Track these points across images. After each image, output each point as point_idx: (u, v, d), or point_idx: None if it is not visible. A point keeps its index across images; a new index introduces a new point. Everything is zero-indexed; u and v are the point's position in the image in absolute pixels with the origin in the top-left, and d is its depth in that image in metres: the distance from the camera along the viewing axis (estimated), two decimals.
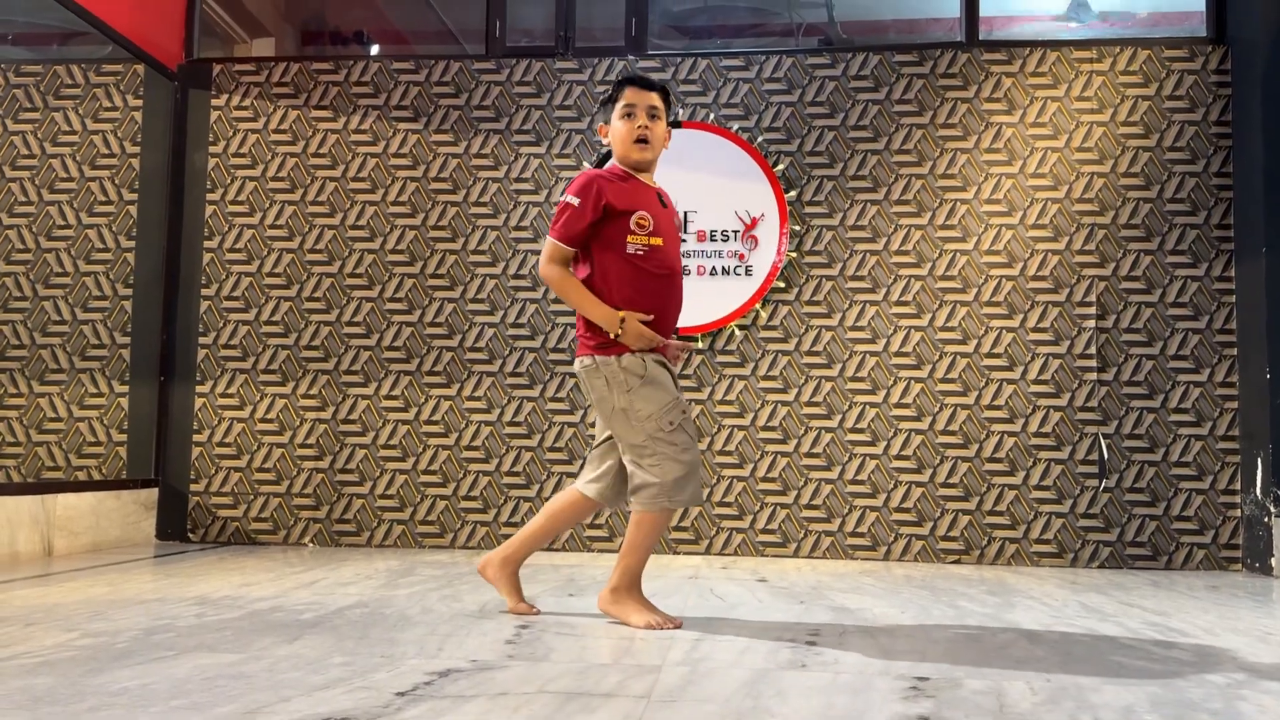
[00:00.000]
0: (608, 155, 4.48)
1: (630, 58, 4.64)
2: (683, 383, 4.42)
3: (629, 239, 2.53)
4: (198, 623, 2.45)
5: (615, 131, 2.62)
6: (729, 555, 4.33)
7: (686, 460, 2.50)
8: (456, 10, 5.80)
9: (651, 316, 2.53)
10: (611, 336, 2.50)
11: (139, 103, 4.67)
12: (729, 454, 4.39)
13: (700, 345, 4.44)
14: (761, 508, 4.35)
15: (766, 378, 4.41)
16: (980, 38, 4.53)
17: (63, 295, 4.55)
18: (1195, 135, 4.34)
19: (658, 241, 2.55)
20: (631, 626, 2.48)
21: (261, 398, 4.58)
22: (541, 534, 2.66)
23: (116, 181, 4.62)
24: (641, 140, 2.59)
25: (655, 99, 2.62)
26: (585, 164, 4.55)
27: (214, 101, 4.75)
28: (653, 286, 2.54)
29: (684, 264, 4.45)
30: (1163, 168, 4.34)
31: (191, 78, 4.78)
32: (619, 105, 2.61)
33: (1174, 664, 2.17)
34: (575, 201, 2.51)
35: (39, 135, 4.62)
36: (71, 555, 3.94)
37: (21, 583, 3.13)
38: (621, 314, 2.49)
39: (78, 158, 4.62)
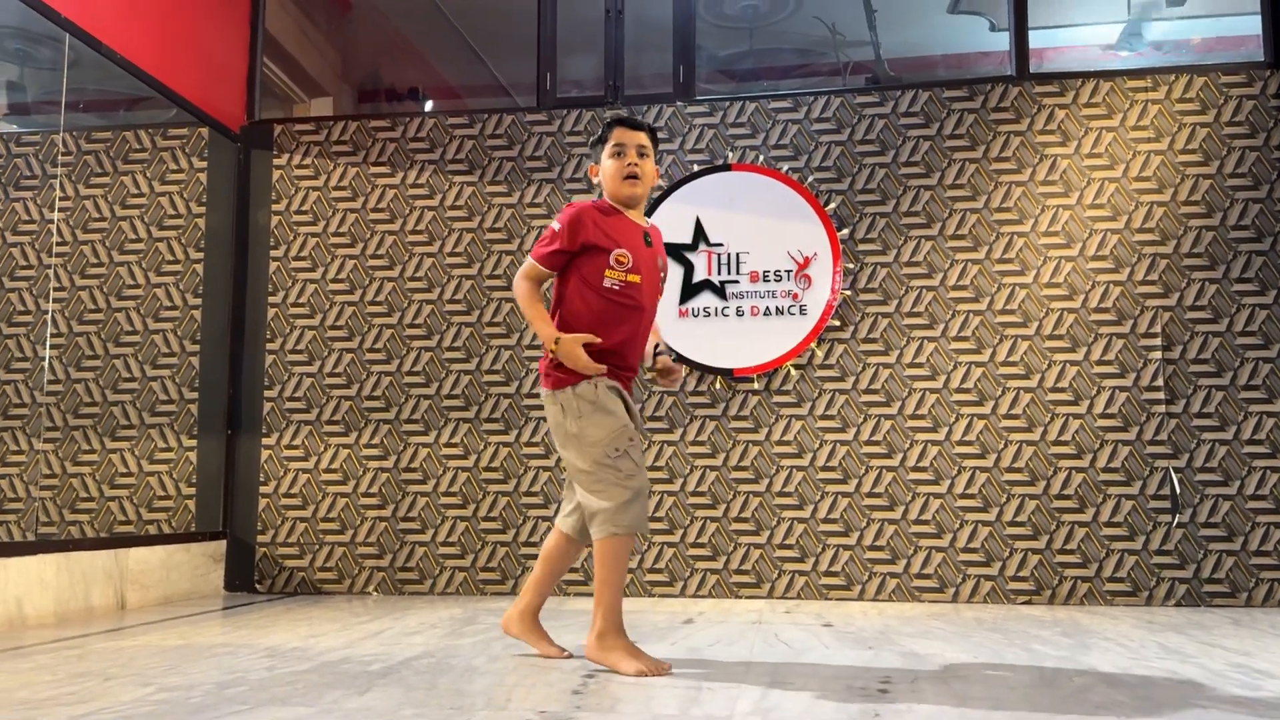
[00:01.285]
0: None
1: (679, 103, 4.69)
2: (739, 424, 4.41)
3: (606, 273, 2.61)
4: (269, 675, 2.48)
5: (605, 169, 2.72)
6: (791, 599, 4.28)
7: (632, 486, 2.53)
8: (508, 64, 5.92)
9: (598, 340, 2.59)
10: (547, 353, 2.61)
11: (204, 164, 4.82)
12: (788, 495, 4.35)
13: (756, 385, 4.42)
14: (823, 549, 4.30)
15: (824, 417, 4.38)
16: (1031, 71, 4.50)
17: (133, 353, 4.67)
18: (1257, 160, 4.26)
19: (635, 279, 2.64)
20: (621, 674, 2.46)
21: (325, 448, 4.66)
22: (544, 580, 2.78)
23: (183, 241, 4.75)
24: (631, 176, 2.67)
25: (643, 138, 2.72)
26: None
27: (276, 161, 4.88)
28: (620, 320, 2.63)
29: (738, 305, 4.46)
30: (1225, 194, 4.26)
31: (254, 139, 4.93)
32: (609, 145, 2.72)
33: (1261, 708, 2.10)
34: (557, 228, 2.64)
35: (109, 199, 4.78)
36: (144, 608, 4.01)
37: (97, 636, 3.20)
38: (558, 335, 2.57)
39: (146, 219, 4.77)
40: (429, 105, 6.05)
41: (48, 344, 4.40)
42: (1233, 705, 2.13)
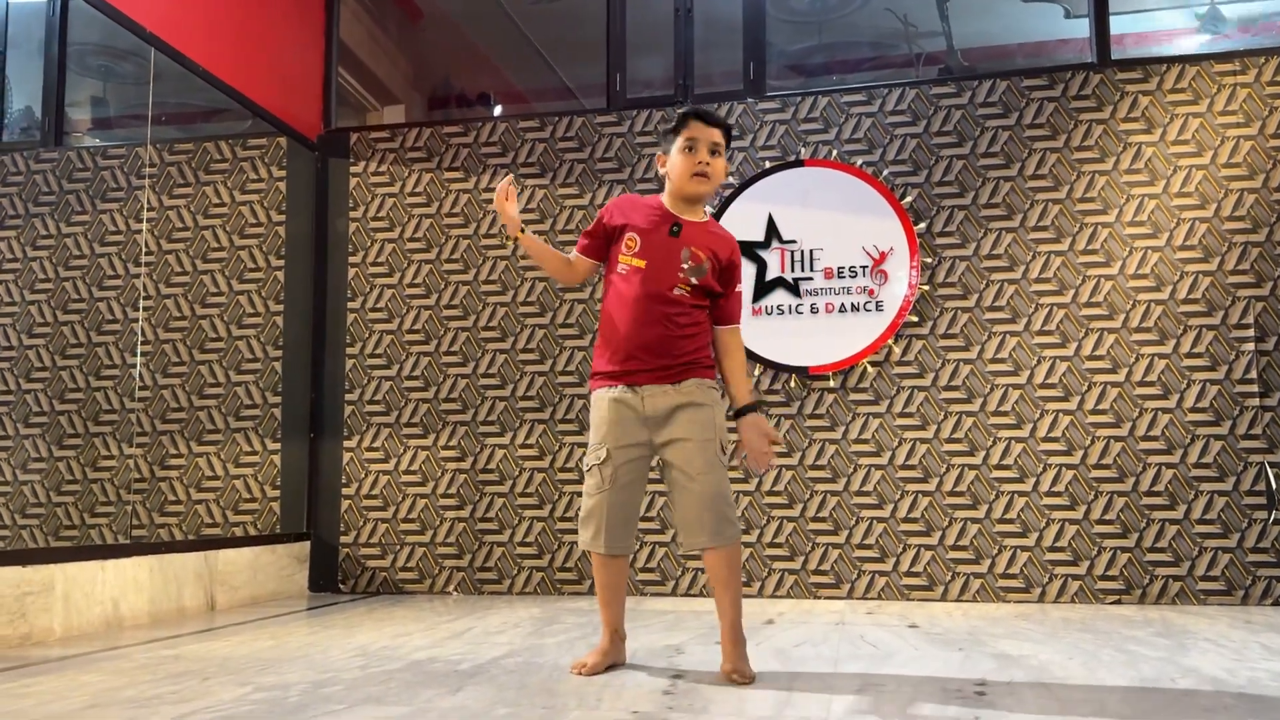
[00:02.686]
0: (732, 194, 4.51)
1: (749, 100, 4.66)
2: (816, 422, 4.37)
3: (619, 259, 2.61)
4: (362, 674, 2.51)
5: (674, 163, 2.61)
6: (872, 599, 4.23)
7: (587, 505, 2.59)
8: (576, 68, 5.94)
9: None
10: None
11: (283, 173, 4.91)
12: (867, 494, 4.30)
13: (832, 383, 4.38)
14: (904, 549, 4.24)
15: (903, 415, 4.31)
16: (1113, 57, 4.39)
17: (217, 359, 4.78)
18: None
19: (639, 263, 2.56)
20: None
21: (405, 450, 4.72)
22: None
23: (264, 249, 4.85)
24: (700, 174, 2.57)
25: (718, 135, 2.60)
26: (708, 207, 4.57)
27: (352, 169, 4.96)
28: (626, 306, 2.55)
29: (812, 302, 4.42)
30: None
31: (331, 147, 5.01)
32: (681, 137, 2.60)
33: None
34: (597, 220, 2.70)
35: (192, 209, 4.90)
36: (232, 609, 4.10)
37: (190, 637, 3.28)
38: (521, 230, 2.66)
39: (228, 228, 4.87)
40: (498, 110, 6.10)
41: (137, 351, 4.53)
42: None
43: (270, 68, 4.81)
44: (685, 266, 2.55)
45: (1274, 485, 3.99)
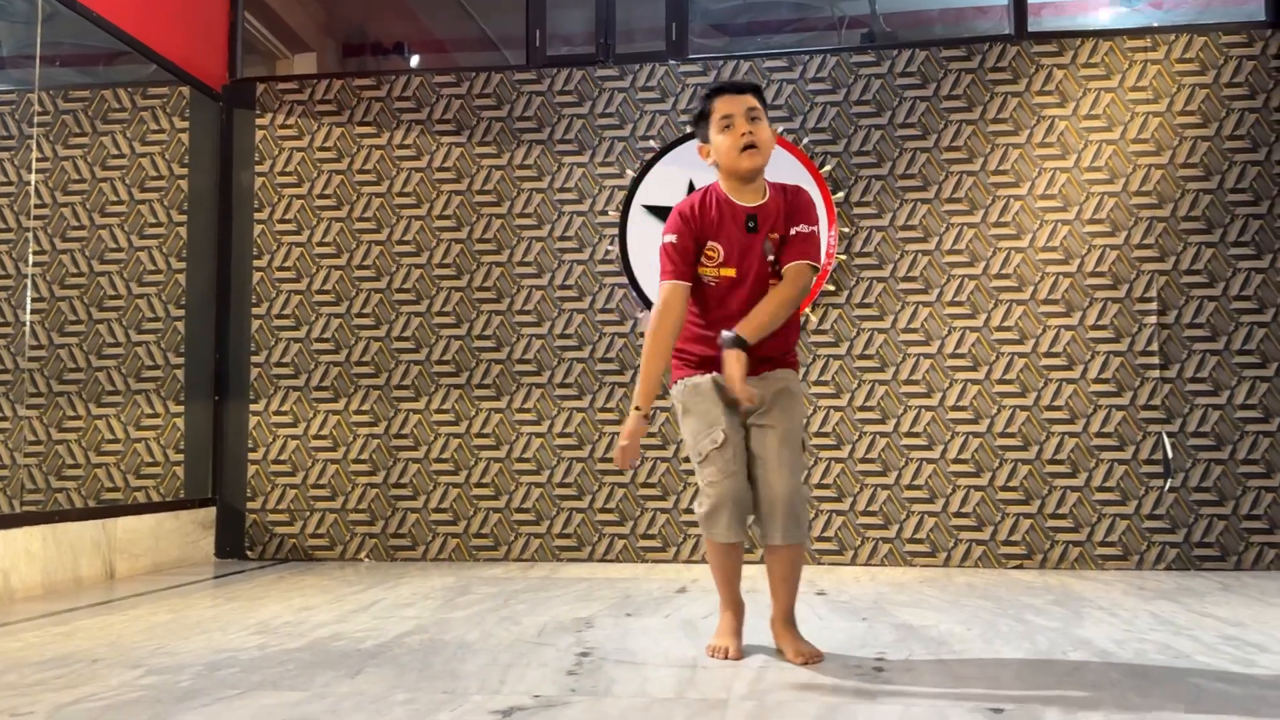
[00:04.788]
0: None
1: (671, 62, 4.60)
2: None
3: (701, 270, 2.46)
4: (260, 655, 2.45)
5: (718, 147, 2.44)
6: None
7: (712, 494, 2.37)
8: (496, 18, 5.79)
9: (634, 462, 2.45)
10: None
11: (185, 124, 4.71)
12: None
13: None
14: (817, 515, 4.30)
15: (818, 383, 4.35)
16: (1029, 29, 4.42)
17: (116, 318, 4.60)
18: (1256, 123, 4.20)
19: (729, 273, 2.43)
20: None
21: (315, 414, 4.61)
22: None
23: (166, 203, 4.66)
24: (749, 147, 2.39)
25: (752, 100, 2.44)
26: (629, 170, 4.52)
27: (259, 121, 4.78)
28: (731, 316, 2.40)
29: None
30: (1223, 157, 4.21)
31: (236, 98, 4.82)
32: (715, 118, 2.44)
33: (1254, 687, 2.10)
34: (673, 239, 2.44)
35: (89, 159, 4.68)
36: (133, 578, 3.99)
37: (85, 611, 3.17)
38: (642, 411, 2.41)
39: (127, 181, 4.67)
40: (415, 60, 5.92)
41: (28, 309, 4.33)
42: (1226, 684, 2.13)
43: (172, 12, 4.58)
44: (770, 259, 2.43)
45: (1170, 454, 4.13)
